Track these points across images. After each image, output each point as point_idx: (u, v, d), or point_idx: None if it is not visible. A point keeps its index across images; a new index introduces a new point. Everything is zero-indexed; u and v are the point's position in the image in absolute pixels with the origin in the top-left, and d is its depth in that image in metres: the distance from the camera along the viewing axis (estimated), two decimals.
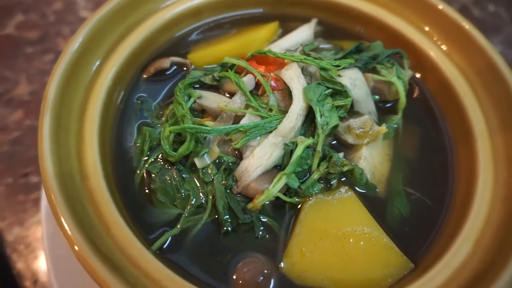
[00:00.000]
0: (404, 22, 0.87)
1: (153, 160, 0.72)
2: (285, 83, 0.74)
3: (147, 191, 0.70)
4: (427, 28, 0.85)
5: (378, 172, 0.75)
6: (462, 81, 0.79)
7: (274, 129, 0.70)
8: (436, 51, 0.83)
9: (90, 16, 0.76)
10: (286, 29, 0.93)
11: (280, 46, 0.88)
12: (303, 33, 0.90)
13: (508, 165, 0.66)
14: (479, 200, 0.64)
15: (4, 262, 0.94)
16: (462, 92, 0.78)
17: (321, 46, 0.90)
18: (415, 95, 0.85)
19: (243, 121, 0.71)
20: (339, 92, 0.73)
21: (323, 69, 0.75)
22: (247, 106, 0.74)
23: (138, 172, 0.72)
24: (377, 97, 0.82)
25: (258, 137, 0.70)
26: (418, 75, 0.87)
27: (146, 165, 0.72)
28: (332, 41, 0.92)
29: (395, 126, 0.80)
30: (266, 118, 0.71)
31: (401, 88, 0.78)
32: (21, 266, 0.95)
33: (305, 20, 0.94)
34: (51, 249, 0.78)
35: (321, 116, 0.70)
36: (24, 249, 0.98)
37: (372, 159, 0.76)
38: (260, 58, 0.79)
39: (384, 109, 0.83)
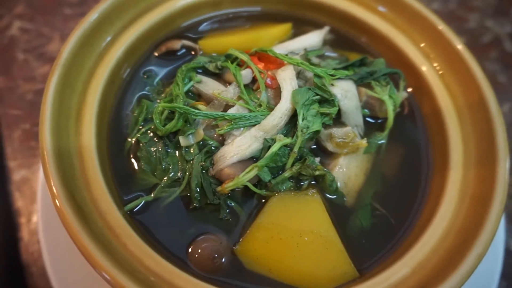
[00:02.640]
0: (412, 45, 0.89)
1: (144, 131, 0.79)
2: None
3: (133, 157, 0.77)
4: (432, 55, 0.86)
5: (351, 183, 0.78)
6: (453, 113, 0.81)
7: (258, 124, 0.75)
8: (436, 78, 0.84)
9: None
10: (298, 32, 0.97)
11: (286, 47, 0.92)
12: (312, 38, 0.93)
13: (472, 199, 0.68)
14: (434, 228, 0.66)
15: (6, 198, 1.04)
16: (451, 123, 0.79)
17: (327, 54, 0.93)
18: (408, 116, 0.87)
19: (231, 111, 0.76)
20: (327, 100, 0.76)
21: (317, 75, 0.78)
22: (239, 98, 0.79)
23: (129, 139, 0.79)
24: (367, 111, 0.85)
25: (242, 128, 0.75)
26: (416, 98, 0.89)
27: (138, 134, 0.78)
28: (339, 51, 0.95)
29: (379, 142, 0.83)
30: (253, 112, 0.76)
31: (390, 108, 0.80)
32: (20, 204, 1.04)
33: (318, 26, 0.97)
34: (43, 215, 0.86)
35: (303, 119, 0.74)
36: (26, 190, 1.07)
37: (347, 170, 0.79)
38: (263, 55, 0.84)
39: (373, 124, 0.85)
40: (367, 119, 0.85)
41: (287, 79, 0.77)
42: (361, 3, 0.93)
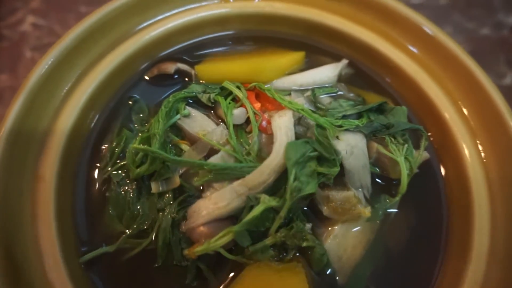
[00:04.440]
0: (443, 94, 0.74)
1: (119, 166, 0.70)
2: None
3: (101, 197, 0.69)
4: (465, 111, 0.71)
5: (346, 256, 0.66)
6: (484, 187, 0.66)
7: (242, 177, 0.64)
8: (467, 138, 0.70)
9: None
10: (311, 62, 0.84)
11: (295, 81, 0.80)
12: (326, 73, 0.81)
13: None
14: None
15: None
16: (479, 199, 0.65)
17: (340, 92, 0.80)
18: (426, 180, 0.73)
19: (214, 158, 0.66)
20: (326, 157, 0.64)
21: (319, 126, 0.66)
22: (227, 141, 0.68)
23: (101, 174, 0.70)
24: (377, 169, 0.72)
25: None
26: (439, 157, 0.75)
27: (110, 170, 0.70)
28: (356, 89, 0.82)
29: (387, 210, 0.70)
30: (240, 163, 0.65)
31: (404, 172, 0.67)
32: None
33: (336, 57, 0.84)
34: None
35: (294, 179, 0.62)
36: None
37: (344, 240, 0.67)
38: (261, 92, 0.73)
39: (384, 185, 0.72)
40: (376, 179, 0.72)
41: (282, 127, 0.66)
42: (388, 38, 0.79)
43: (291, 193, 0.62)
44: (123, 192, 0.68)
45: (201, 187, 0.67)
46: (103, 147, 0.73)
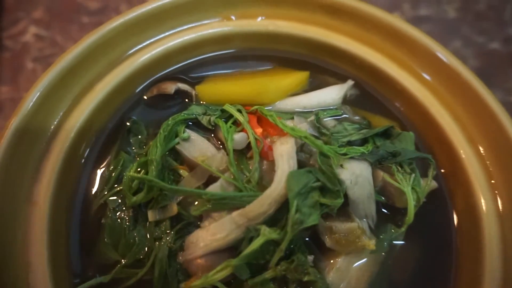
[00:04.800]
0: (453, 121, 0.71)
1: (116, 191, 0.68)
2: None
3: (97, 224, 0.66)
4: (477, 138, 0.68)
5: None
6: (496, 222, 0.63)
7: (242, 207, 0.62)
8: (478, 169, 0.67)
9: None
10: (316, 83, 0.82)
11: (299, 103, 0.78)
12: (331, 94, 0.78)
13: None
14: None
15: None
16: (491, 236, 0.62)
17: (345, 115, 0.78)
18: (434, 210, 0.70)
19: (213, 187, 0.64)
20: (330, 188, 0.62)
21: (323, 154, 0.64)
22: (227, 168, 0.66)
23: (97, 200, 0.68)
24: (383, 198, 0.69)
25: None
26: (448, 186, 0.71)
27: (106, 195, 0.68)
28: (361, 111, 0.79)
29: (393, 242, 0.67)
30: (240, 192, 0.63)
31: (411, 202, 0.64)
32: None
33: (341, 78, 0.82)
34: None
35: (296, 211, 0.60)
36: None
37: (347, 273, 0.64)
38: (263, 116, 0.70)
39: (389, 215, 0.69)
40: (382, 208, 0.69)
41: (284, 155, 0.63)
42: (396, 59, 0.76)
43: (292, 225, 0.59)
44: (119, 220, 0.65)
45: (200, 215, 0.65)
46: (100, 171, 0.71)
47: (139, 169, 0.67)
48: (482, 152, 0.67)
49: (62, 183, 0.66)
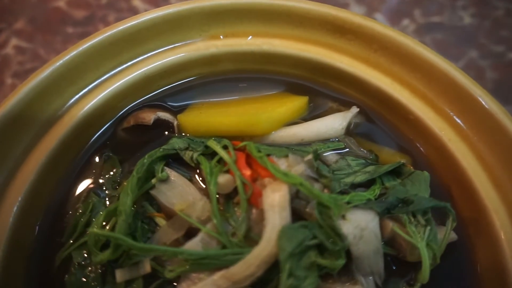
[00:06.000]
0: (473, 155, 0.61)
1: (83, 242, 0.59)
2: None
3: (58, 283, 0.57)
4: (507, 191, 0.57)
5: None
6: None
7: (225, 268, 0.53)
8: (505, 220, 0.56)
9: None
10: (316, 110, 0.72)
11: (296, 135, 0.68)
12: (332, 124, 0.68)
13: None
14: None
15: None
16: None
17: (348, 149, 0.68)
18: (454, 264, 0.60)
19: (192, 243, 0.54)
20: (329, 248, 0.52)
21: (321, 204, 0.54)
22: (209, 218, 0.57)
23: (61, 252, 0.59)
24: (391, 250, 0.59)
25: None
26: (470, 239, 0.61)
27: (71, 247, 0.59)
28: (368, 143, 0.69)
29: None
30: (222, 249, 0.54)
31: (426, 261, 0.54)
32: None
33: (344, 103, 0.72)
34: None
35: (289, 275, 0.50)
36: None
37: None
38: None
39: (399, 270, 0.59)
40: (391, 263, 0.59)
41: (276, 206, 0.53)
42: (407, 85, 0.66)
43: None
44: (84, 278, 0.56)
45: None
46: (67, 216, 0.62)
47: (108, 217, 0.58)
48: (510, 198, 0.57)
49: (21, 228, 0.57)
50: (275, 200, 0.54)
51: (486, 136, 0.60)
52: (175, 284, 0.55)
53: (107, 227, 0.58)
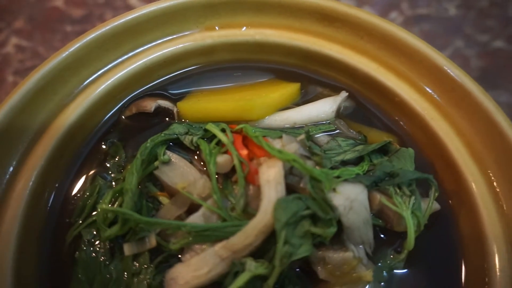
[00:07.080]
0: (454, 133, 0.65)
1: (91, 221, 0.63)
2: None
3: (70, 258, 0.61)
4: (486, 165, 0.62)
5: None
6: (504, 243, 0.57)
7: (226, 239, 0.57)
8: (484, 190, 0.61)
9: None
10: (308, 95, 0.76)
11: (288, 119, 0.72)
12: (323, 108, 0.73)
13: None
14: None
15: None
16: (500, 258, 0.57)
17: (338, 131, 0.72)
18: (438, 233, 0.64)
19: (194, 217, 0.58)
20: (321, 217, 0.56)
21: (314, 178, 0.58)
22: (210, 195, 0.61)
23: (71, 231, 0.63)
24: (380, 221, 0.63)
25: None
26: (453, 208, 0.66)
27: (81, 225, 0.63)
28: (357, 125, 0.73)
29: (393, 270, 0.62)
30: (223, 222, 0.58)
31: (411, 228, 0.59)
32: None
33: (334, 89, 0.76)
34: None
35: (284, 243, 0.54)
36: None
37: None
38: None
39: (387, 240, 0.64)
40: (380, 233, 0.63)
41: (271, 181, 0.58)
42: (392, 69, 0.70)
43: (280, 259, 0.54)
44: (94, 253, 0.60)
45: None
46: (76, 198, 0.66)
47: (115, 197, 0.62)
48: (489, 172, 0.61)
49: (33, 211, 0.61)
50: (271, 176, 0.58)
51: (466, 113, 0.64)
52: (179, 256, 0.59)
53: (115, 206, 0.62)
